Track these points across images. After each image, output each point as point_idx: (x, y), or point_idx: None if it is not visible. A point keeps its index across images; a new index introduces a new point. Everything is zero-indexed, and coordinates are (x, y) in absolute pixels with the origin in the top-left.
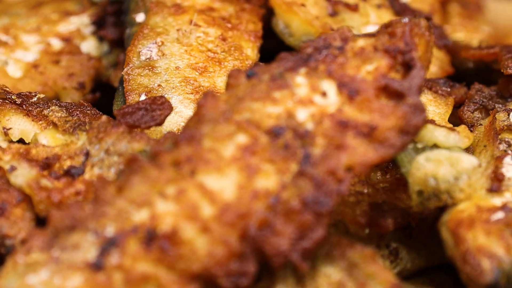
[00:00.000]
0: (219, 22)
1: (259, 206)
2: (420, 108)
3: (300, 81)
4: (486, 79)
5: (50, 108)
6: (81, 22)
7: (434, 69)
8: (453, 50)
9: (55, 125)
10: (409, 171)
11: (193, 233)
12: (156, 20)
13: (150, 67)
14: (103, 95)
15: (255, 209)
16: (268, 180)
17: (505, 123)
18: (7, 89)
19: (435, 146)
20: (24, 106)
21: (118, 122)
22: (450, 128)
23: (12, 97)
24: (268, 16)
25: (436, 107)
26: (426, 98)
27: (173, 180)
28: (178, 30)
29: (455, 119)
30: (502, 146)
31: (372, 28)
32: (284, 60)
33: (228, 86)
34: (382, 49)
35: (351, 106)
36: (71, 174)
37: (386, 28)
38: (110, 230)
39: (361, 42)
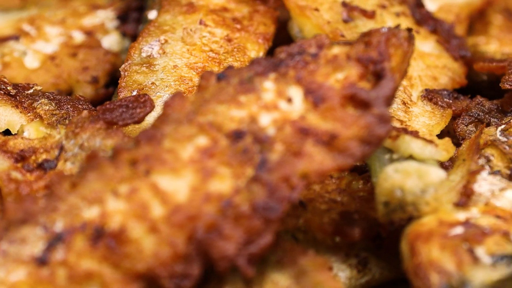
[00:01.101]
0: (228, 22)
1: (210, 209)
2: (385, 119)
3: (268, 86)
4: (500, 92)
5: (40, 100)
6: (106, 16)
7: (444, 80)
8: (471, 62)
9: (41, 118)
10: (377, 181)
11: (141, 233)
12: (166, 18)
13: (148, 64)
14: None
15: (205, 212)
16: (223, 183)
17: (491, 138)
18: (5, 80)
19: (411, 157)
20: (18, 97)
21: (96, 118)
22: (428, 141)
23: (8, 88)
24: (285, 19)
25: (428, 118)
26: (423, 109)
27: (128, 179)
28: (184, 29)
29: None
30: (481, 161)
31: None
32: (256, 64)
33: (199, 87)
34: (355, 58)
35: (315, 114)
36: (43, 167)
37: (364, 37)
38: (59, 226)
39: (335, 50)
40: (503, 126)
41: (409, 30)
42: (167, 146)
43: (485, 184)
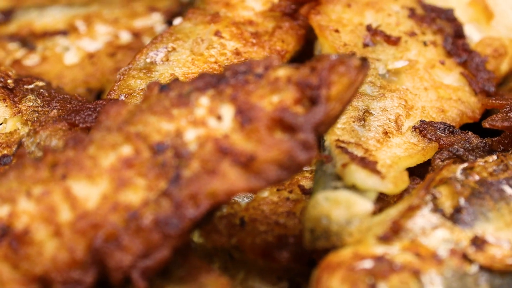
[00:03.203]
0: (245, 36)
1: (115, 219)
2: (308, 146)
3: (203, 102)
4: None
5: (27, 96)
6: (158, 19)
7: (453, 113)
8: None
9: (22, 114)
10: (307, 207)
11: (44, 236)
12: (185, 26)
13: (147, 71)
14: None
15: (110, 221)
16: (135, 194)
17: (449, 176)
18: (9, 73)
19: (354, 187)
20: (14, 90)
21: (60, 118)
22: (374, 172)
23: (8, 81)
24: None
25: (403, 151)
26: (405, 140)
27: (44, 181)
28: (196, 38)
29: None
30: (428, 198)
31: (401, 64)
32: (199, 79)
33: (143, 97)
34: (295, 82)
35: (240, 134)
36: (0, 162)
37: (313, 61)
38: None
39: (280, 72)
40: (466, 165)
41: (363, 59)
42: (90, 152)
43: (420, 221)
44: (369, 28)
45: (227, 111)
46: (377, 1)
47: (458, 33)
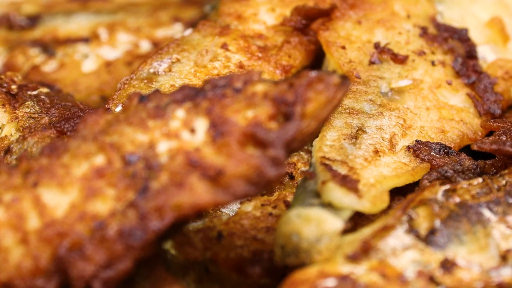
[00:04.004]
0: (252, 50)
1: (81, 228)
2: (277, 163)
3: (179, 114)
4: None
5: (26, 103)
6: (179, 29)
7: (453, 134)
8: None
9: (18, 120)
10: (279, 223)
11: (11, 242)
12: (194, 37)
13: (148, 81)
14: None
15: (76, 230)
16: (104, 204)
17: (429, 197)
18: (15, 79)
19: (330, 205)
20: (17, 96)
21: (49, 126)
22: (352, 190)
23: (12, 86)
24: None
25: (391, 170)
26: (395, 160)
27: (15, 188)
28: (200, 50)
29: None
30: (404, 218)
31: (404, 83)
32: (179, 91)
33: (123, 107)
34: (271, 98)
35: (211, 148)
36: None
37: (292, 78)
38: None
39: (258, 87)
40: (448, 187)
41: (343, 77)
42: (64, 160)
43: (392, 241)
44: (376, 45)
45: (201, 124)
46: (388, 19)
47: (470, 54)
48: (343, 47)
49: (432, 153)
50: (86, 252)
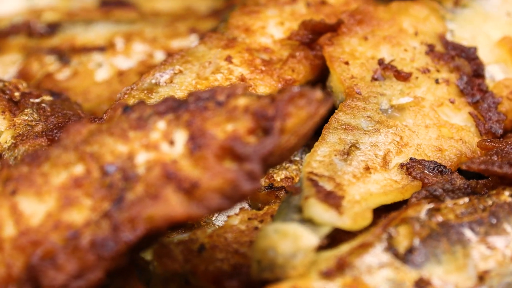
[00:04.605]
0: (255, 63)
1: (55, 237)
2: (253, 177)
3: (160, 126)
4: None
5: (25, 110)
6: (194, 40)
7: (451, 153)
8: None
9: (15, 127)
10: (256, 238)
11: None
12: (199, 49)
13: (148, 91)
14: None
15: (50, 239)
16: (79, 214)
17: (412, 215)
18: (20, 86)
19: (310, 220)
20: (19, 103)
21: (41, 134)
22: (333, 206)
23: (15, 93)
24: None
25: (380, 187)
26: (386, 177)
27: None
28: (203, 62)
29: None
30: (384, 236)
31: (405, 100)
32: (161, 103)
33: (108, 117)
34: (251, 112)
35: (189, 160)
36: None
37: (276, 92)
38: None
39: (240, 101)
40: (432, 206)
41: (326, 93)
42: (44, 169)
43: (369, 259)
44: (380, 62)
45: (180, 137)
46: (395, 36)
47: (477, 73)
48: (346, 63)
49: (426, 171)
50: (58, 261)
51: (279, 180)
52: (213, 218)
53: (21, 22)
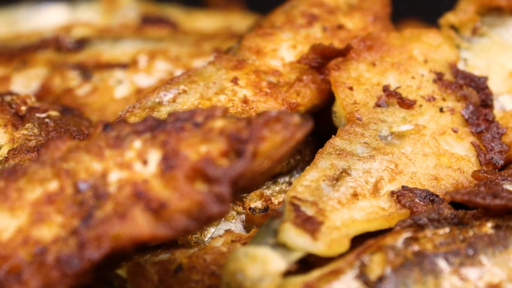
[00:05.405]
0: (261, 85)
1: (23, 253)
2: (221, 200)
3: (136, 145)
4: None
5: (26, 125)
6: None
7: (448, 183)
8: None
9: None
10: (227, 260)
11: None
12: (207, 69)
13: (150, 110)
14: None
15: (18, 254)
16: (49, 230)
17: (388, 244)
18: (28, 100)
19: (284, 245)
20: (24, 118)
21: (33, 149)
22: (309, 232)
23: (22, 108)
24: None
25: (365, 214)
26: (374, 204)
27: None
28: (208, 82)
29: None
30: (357, 263)
31: (406, 127)
32: (141, 123)
33: (89, 134)
34: (226, 134)
35: (160, 180)
36: None
37: (254, 116)
38: None
39: (217, 123)
40: (410, 234)
41: (304, 118)
42: (20, 184)
43: (339, 286)
44: (385, 88)
45: (154, 156)
46: (404, 63)
47: (485, 102)
48: (351, 88)
49: (416, 199)
50: (23, 276)
51: (276, 203)
52: (205, 239)
53: (51, 36)
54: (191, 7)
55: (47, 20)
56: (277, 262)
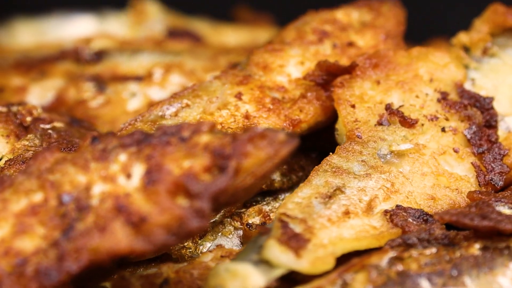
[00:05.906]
0: (264, 101)
1: (3, 263)
2: (201, 215)
3: (122, 158)
4: None
5: (28, 135)
6: None
7: (445, 202)
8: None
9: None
10: (208, 276)
11: None
12: (213, 84)
13: (152, 123)
14: None
15: None
16: (31, 242)
17: (372, 263)
18: (34, 111)
19: (267, 261)
20: (28, 128)
21: (28, 160)
22: (293, 249)
23: (27, 118)
24: None
25: (355, 233)
26: (365, 222)
27: None
28: (211, 97)
29: None
30: (339, 282)
31: (405, 146)
32: (129, 136)
33: (78, 147)
34: (210, 149)
35: (141, 194)
36: None
37: (239, 132)
38: None
39: (202, 138)
40: (394, 254)
41: (291, 135)
42: (5, 195)
43: None
44: (387, 107)
45: (138, 170)
46: (409, 82)
47: (489, 123)
48: (353, 106)
49: (409, 219)
50: (2, 287)
51: None
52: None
53: (71, 48)
54: (219, 21)
55: (74, 30)
56: (256, 278)
